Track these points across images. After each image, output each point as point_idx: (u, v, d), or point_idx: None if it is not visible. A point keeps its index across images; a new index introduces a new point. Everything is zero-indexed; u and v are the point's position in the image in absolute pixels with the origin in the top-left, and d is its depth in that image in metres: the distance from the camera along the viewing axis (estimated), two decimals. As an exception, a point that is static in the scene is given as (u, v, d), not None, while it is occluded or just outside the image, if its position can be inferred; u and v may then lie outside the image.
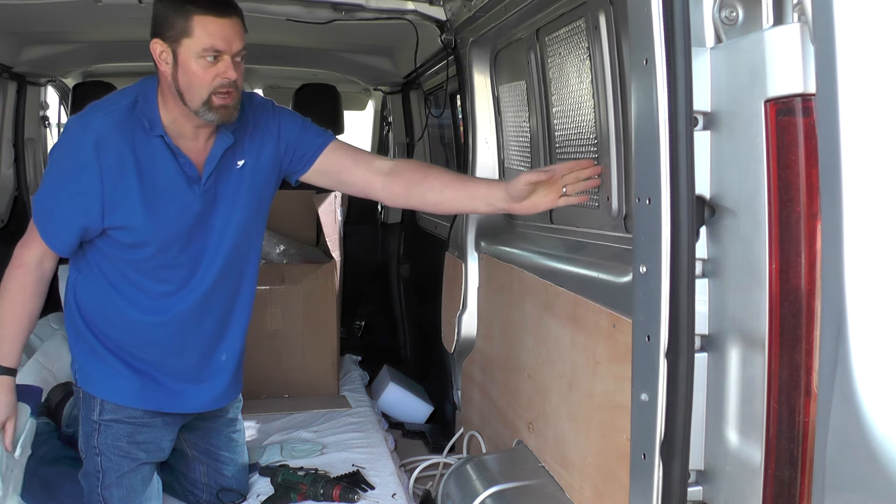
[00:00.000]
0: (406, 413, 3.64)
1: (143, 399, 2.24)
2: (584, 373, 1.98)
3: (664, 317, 1.32)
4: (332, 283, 3.51)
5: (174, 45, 1.97)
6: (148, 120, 2.06)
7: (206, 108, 2.01)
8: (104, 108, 2.09)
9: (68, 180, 2.06)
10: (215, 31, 1.95)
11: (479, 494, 2.13)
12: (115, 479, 2.22)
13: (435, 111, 4.23)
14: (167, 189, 2.09)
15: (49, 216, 2.12)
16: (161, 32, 1.99)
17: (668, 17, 1.26)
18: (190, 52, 1.96)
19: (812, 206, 1.17)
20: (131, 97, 2.09)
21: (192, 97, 2.00)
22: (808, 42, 1.15)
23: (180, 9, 1.95)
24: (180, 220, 2.12)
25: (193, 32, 1.94)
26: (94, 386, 2.24)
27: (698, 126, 1.31)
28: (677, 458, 1.33)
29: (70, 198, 2.07)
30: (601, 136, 2.17)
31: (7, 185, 4.02)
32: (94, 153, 2.01)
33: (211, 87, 1.98)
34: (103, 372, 2.23)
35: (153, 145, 2.07)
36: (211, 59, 1.96)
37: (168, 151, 2.08)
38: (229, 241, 2.21)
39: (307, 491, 2.42)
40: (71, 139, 2.07)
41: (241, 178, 2.19)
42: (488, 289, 2.89)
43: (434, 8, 2.97)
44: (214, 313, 2.27)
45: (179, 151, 2.09)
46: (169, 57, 1.99)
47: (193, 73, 1.97)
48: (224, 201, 2.18)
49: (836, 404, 1.08)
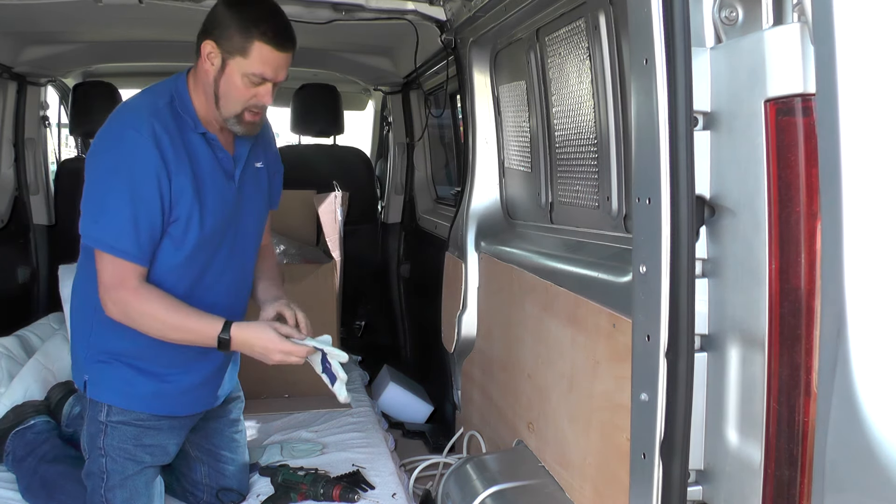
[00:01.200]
0: (406, 413, 3.64)
1: (155, 404, 2.23)
2: (584, 373, 1.98)
3: (664, 317, 1.32)
4: (332, 283, 3.51)
5: (227, 55, 2.03)
6: (190, 117, 2.12)
7: (235, 120, 2.10)
8: (148, 109, 2.07)
9: (141, 189, 2.01)
10: (270, 60, 2.03)
11: (479, 494, 2.13)
12: (119, 481, 2.21)
13: (435, 111, 4.23)
14: (212, 182, 2.14)
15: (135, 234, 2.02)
16: (217, 37, 2.03)
17: (668, 17, 1.26)
18: (240, 68, 2.03)
19: (812, 206, 1.17)
20: (166, 96, 2.12)
21: (226, 106, 2.08)
22: (808, 42, 1.15)
23: (245, 28, 2.00)
24: (222, 212, 2.18)
25: (250, 55, 2.01)
26: (106, 395, 2.22)
27: (698, 126, 1.31)
28: (677, 457, 1.33)
29: (148, 204, 2.03)
30: (601, 136, 2.17)
31: (7, 185, 4.01)
32: (158, 153, 2.02)
33: (246, 104, 2.07)
34: (115, 380, 2.20)
35: (196, 141, 2.12)
36: (257, 82, 2.04)
37: (208, 147, 2.14)
38: (252, 237, 2.33)
39: (307, 491, 2.41)
40: (132, 148, 2.01)
41: (260, 179, 2.31)
42: (488, 289, 2.90)
43: (434, 8, 2.97)
44: (237, 312, 2.33)
45: (219, 146, 2.16)
46: (217, 61, 2.05)
47: (235, 87, 2.05)
48: (249, 198, 2.27)
49: (836, 404, 1.08)
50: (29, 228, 4.09)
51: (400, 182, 4.51)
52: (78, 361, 2.28)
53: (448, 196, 4.17)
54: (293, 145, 4.97)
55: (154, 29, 3.49)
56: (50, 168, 4.36)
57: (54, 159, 4.68)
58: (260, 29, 2.00)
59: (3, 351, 3.06)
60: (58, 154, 4.86)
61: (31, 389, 2.87)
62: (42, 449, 2.51)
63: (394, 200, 4.55)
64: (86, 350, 2.24)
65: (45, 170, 4.22)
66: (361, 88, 4.89)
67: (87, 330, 2.23)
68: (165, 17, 3.07)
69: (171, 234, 2.10)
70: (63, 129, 4.93)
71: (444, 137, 4.56)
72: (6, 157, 4.00)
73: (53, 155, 4.68)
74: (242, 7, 2.04)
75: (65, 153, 5.04)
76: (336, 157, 4.54)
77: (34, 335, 3.36)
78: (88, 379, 2.23)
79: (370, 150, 5.38)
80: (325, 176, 3.95)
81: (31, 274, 4.10)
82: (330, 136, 4.55)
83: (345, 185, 3.86)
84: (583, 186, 2.35)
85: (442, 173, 4.51)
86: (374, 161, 5.09)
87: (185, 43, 3.77)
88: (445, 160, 4.54)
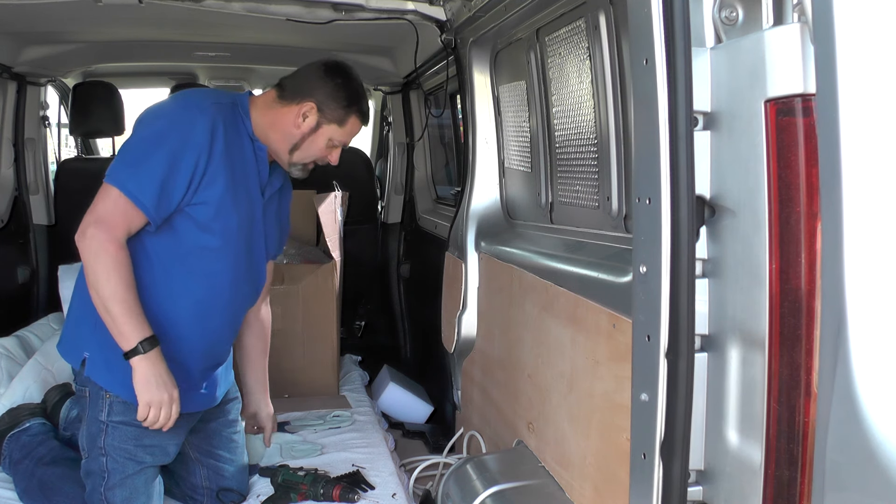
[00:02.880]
0: (406, 413, 3.64)
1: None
2: (584, 373, 1.98)
3: (664, 317, 1.32)
4: (332, 283, 3.51)
5: (323, 120, 2.25)
6: (246, 124, 2.27)
7: (299, 167, 2.32)
8: (214, 99, 2.21)
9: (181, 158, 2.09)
10: (354, 132, 2.33)
11: (479, 494, 2.13)
12: (118, 480, 2.22)
13: (435, 111, 4.23)
14: (245, 186, 2.26)
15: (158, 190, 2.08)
16: (319, 103, 2.23)
17: (668, 17, 1.26)
18: (329, 134, 2.26)
19: (812, 206, 1.17)
20: (228, 99, 2.26)
21: (300, 156, 2.29)
22: (808, 42, 1.15)
23: (347, 104, 2.25)
24: (249, 218, 2.28)
25: (345, 126, 2.27)
26: (103, 376, 2.19)
27: (698, 126, 1.31)
28: (677, 457, 1.33)
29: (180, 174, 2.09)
30: (601, 136, 2.17)
31: (7, 185, 4.01)
32: (210, 136, 2.12)
33: (316, 159, 2.32)
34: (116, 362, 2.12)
35: (246, 145, 2.26)
36: (336, 145, 2.30)
37: (253, 155, 2.28)
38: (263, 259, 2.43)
39: (307, 491, 2.42)
40: (191, 123, 2.12)
41: (278, 202, 2.46)
42: (488, 289, 2.90)
43: (434, 8, 2.97)
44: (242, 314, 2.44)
45: (263, 160, 2.31)
46: (311, 121, 2.24)
47: (318, 147, 2.28)
48: (268, 220, 2.41)
49: (836, 404, 1.07)
50: (29, 228, 4.10)
51: (400, 182, 4.51)
52: (79, 337, 2.24)
53: (448, 196, 4.17)
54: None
55: (154, 29, 3.49)
56: (50, 168, 4.36)
57: (54, 159, 4.69)
58: (358, 105, 2.28)
59: (2, 351, 3.07)
60: (58, 154, 4.86)
61: (30, 390, 2.87)
62: (39, 451, 2.50)
63: (394, 200, 4.55)
64: (92, 326, 2.17)
65: (44, 170, 4.22)
66: (361, 88, 4.88)
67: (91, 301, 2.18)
68: (165, 17, 3.08)
69: (194, 216, 2.15)
70: (63, 129, 4.93)
71: (444, 137, 4.56)
72: (6, 157, 4.00)
73: (53, 155, 4.68)
74: (346, 82, 2.26)
75: (65, 153, 5.04)
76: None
77: (34, 335, 3.36)
78: (88, 357, 2.20)
79: (370, 150, 5.38)
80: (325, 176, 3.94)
81: (31, 274, 4.10)
82: (330, 136, 4.54)
83: (345, 185, 3.86)
84: (583, 186, 2.35)
85: (442, 173, 4.51)
86: (374, 161, 5.09)
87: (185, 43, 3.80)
88: (445, 160, 4.53)
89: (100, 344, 2.18)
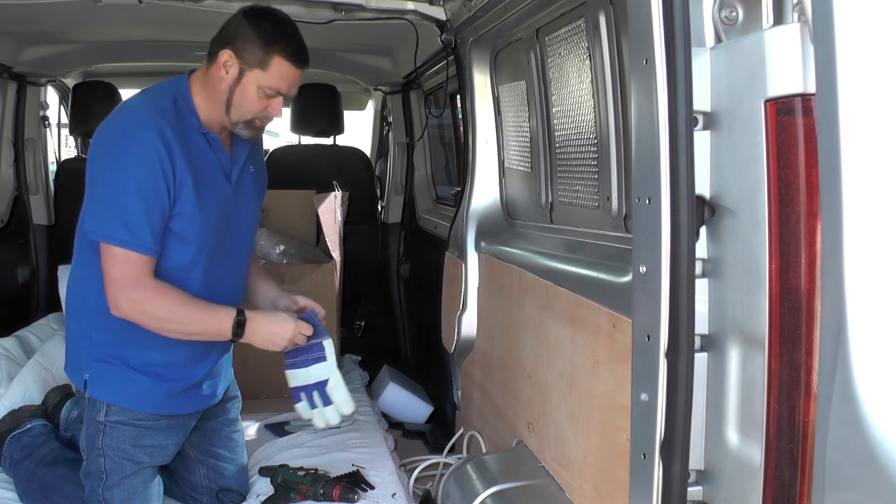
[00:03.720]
0: (406, 413, 3.64)
1: (158, 403, 2.23)
2: (584, 373, 1.98)
3: (664, 317, 1.32)
4: (332, 283, 3.51)
5: (245, 66, 2.10)
6: (194, 118, 2.16)
7: (243, 126, 2.17)
8: (152, 107, 2.10)
9: (150, 184, 2.03)
10: (287, 76, 2.12)
11: (479, 494, 2.13)
12: (117, 481, 2.22)
13: (435, 111, 4.23)
14: (212, 181, 2.18)
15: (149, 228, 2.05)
16: (237, 48, 2.09)
17: (668, 17, 1.26)
18: (256, 81, 2.10)
19: (812, 205, 1.17)
20: (169, 96, 2.15)
21: (237, 113, 2.14)
22: (808, 42, 1.15)
23: (266, 44, 2.08)
24: (221, 210, 2.21)
25: (269, 69, 2.09)
26: (106, 393, 2.21)
27: (698, 126, 1.31)
28: (677, 457, 1.33)
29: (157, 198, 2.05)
30: (601, 136, 2.17)
31: (7, 185, 4.02)
32: (165, 150, 2.05)
33: (257, 114, 2.15)
34: (116, 379, 2.20)
35: (198, 141, 2.17)
36: (271, 95, 2.12)
37: (209, 146, 2.19)
38: (247, 239, 2.37)
39: (307, 491, 2.41)
40: (140, 145, 2.04)
41: (254, 181, 2.36)
42: (488, 289, 2.90)
43: (434, 8, 2.98)
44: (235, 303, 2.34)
45: (220, 147, 2.21)
46: (234, 71, 2.10)
47: (250, 98, 2.12)
48: (244, 200, 2.31)
49: (835, 404, 1.07)
50: (29, 228, 4.10)
51: (400, 182, 4.51)
52: (78, 361, 2.27)
53: (448, 196, 4.17)
54: (293, 145, 4.98)
55: (154, 29, 3.49)
56: (50, 168, 4.37)
57: (54, 159, 4.69)
58: (281, 45, 2.08)
59: (2, 352, 3.06)
60: (58, 154, 4.87)
61: (30, 390, 2.87)
62: (39, 452, 2.50)
63: (394, 200, 4.55)
64: (87, 349, 2.23)
65: (44, 170, 4.23)
66: (361, 88, 4.89)
67: (88, 329, 2.22)
68: (165, 17, 3.08)
69: (174, 230, 2.11)
70: (63, 129, 4.93)
71: (444, 137, 4.56)
72: (6, 157, 4.00)
73: (53, 155, 4.68)
74: (265, 22, 2.11)
75: (65, 153, 5.04)
76: (336, 157, 4.54)
77: (34, 336, 3.36)
78: (89, 378, 2.22)
79: (370, 150, 5.38)
80: (325, 176, 3.95)
81: (31, 274, 4.10)
82: (330, 136, 4.55)
83: (345, 185, 3.86)
84: (583, 186, 2.35)
85: (442, 173, 4.51)
86: (374, 161, 5.09)
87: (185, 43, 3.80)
88: (445, 160, 4.53)
89: (95, 363, 2.22)
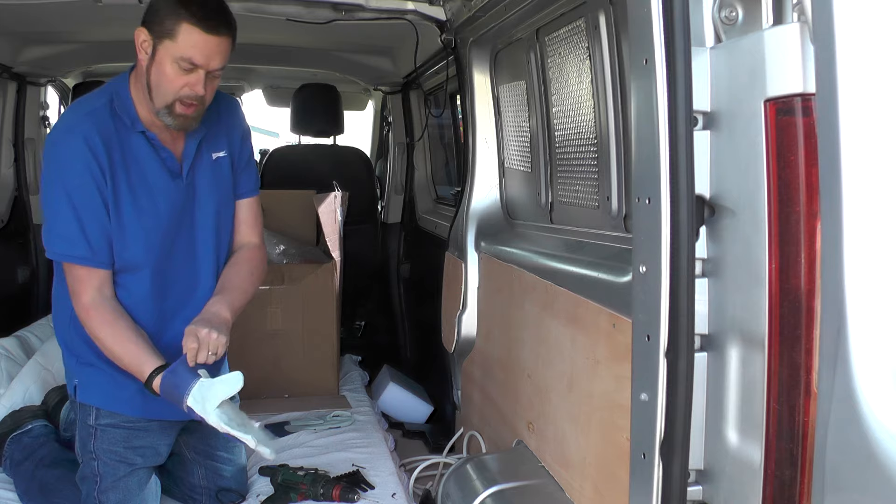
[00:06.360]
0: (406, 413, 3.64)
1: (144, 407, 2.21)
2: (584, 373, 1.98)
3: (664, 316, 1.32)
4: (332, 283, 3.50)
5: (157, 40, 1.96)
6: (128, 117, 2.06)
7: (166, 112, 2.02)
8: (84, 111, 2.05)
9: (81, 191, 1.99)
10: (199, 44, 1.94)
11: (479, 494, 2.13)
12: (111, 483, 2.21)
13: (435, 111, 4.23)
14: (154, 185, 2.09)
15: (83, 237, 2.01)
16: (150, 23, 1.98)
17: (668, 17, 1.26)
18: (168, 53, 1.95)
19: (812, 205, 1.17)
20: (105, 96, 2.07)
21: (157, 96, 2.00)
22: (808, 42, 1.15)
23: (173, 10, 1.94)
24: (169, 212, 2.13)
25: (178, 37, 1.94)
26: (94, 398, 2.22)
27: (698, 126, 1.31)
28: (677, 457, 1.33)
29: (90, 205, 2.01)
30: (601, 136, 2.17)
31: (7, 184, 4.02)
32: (91, 155, 1.98)
33: (177, 94, 1.99)
34: (103, 383, 2.20)
35: (135, 142, 2.07)
36: (187, 67, 1.96)
37: (150, 147, 2.09)
38: (211, 234, 2.24)
39: (307, 491, 2.41)
40: (65, 152, 1.99)
41: (218, 170, 2.23)
42: (488, 289, 2.89)
43: (434, 8, 2.98)
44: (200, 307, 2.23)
45: (161, 146, 2.10)
46: (149, 48, 1.98)
47: (165, 74, 1.97)
48: (203, 193, 2.19)
49: (836, 404, 1.07)
50: (29, 228, 4.10)
51: (400, 182, 4.51)
52: (68, 367, 2.28)
53: (448, 196, 4.17)
54: (293, 145, 4.97)
55: (154, 29, 3.49)
56: (50, 168, 4.36)
57: (54, 159, 4.68)
58: (189, 10, 1.92)
59: (2, 352, 3.06)
60: (58, 154, 4.86)
61: (30, 390, 2.87)
62: (40, 453, 2.50)
63: (394, 200, 4.55)
64: (70, 357, 2.24)
65: (44, 170, 4.22)
66: (361, 88, 4.89)
67: (67, 338, 2.23)
68: (165, 17, 3.07)
69: (115, 234, 2.05)
70: (63, 129, 4.92)
71: (444, 137, 4.56)
72: (6, 157, 4.00)
73: (53, 155, 4.68)
74: None
75: (65, 153, 5.04)
76: (336, 157, 4.54)
77: (33, 336, 3.35)
78: (78, 383, 2.24)
79: (370, 150, 5.37)
80: (325, 176, 3.94)
81: (31, 274, 4.10)
82: (330, 136, 4.55)
83: (345, 185, 3.85)
84: (583, 186, 2.35)
85: (442, 173, 4.51)
86: (374, 161, 5.09)
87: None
88: (445, 160, 4.53)
89: (81, 368, 2.22)
